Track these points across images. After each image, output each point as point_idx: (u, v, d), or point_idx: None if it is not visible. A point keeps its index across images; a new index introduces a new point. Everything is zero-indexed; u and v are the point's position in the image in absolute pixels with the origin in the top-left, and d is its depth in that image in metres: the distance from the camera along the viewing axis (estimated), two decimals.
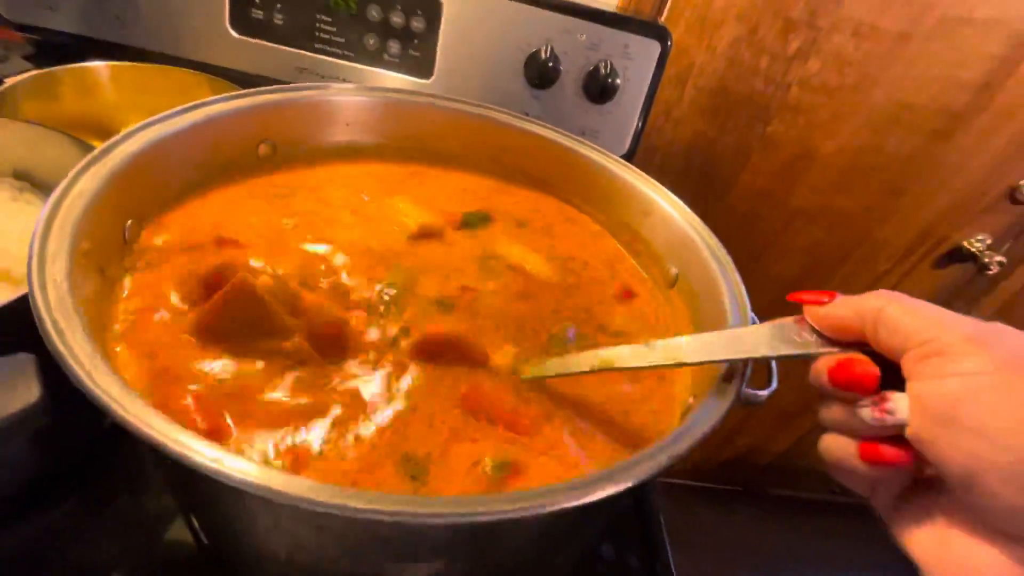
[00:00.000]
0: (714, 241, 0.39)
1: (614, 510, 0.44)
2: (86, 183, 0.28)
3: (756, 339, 0.28)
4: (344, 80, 0.72)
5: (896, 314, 0.24)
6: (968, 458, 0.21)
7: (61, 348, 0.21)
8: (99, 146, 0.43)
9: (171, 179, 0.35)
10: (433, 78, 0.73)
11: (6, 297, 0.32)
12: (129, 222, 0.31)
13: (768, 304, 0.35)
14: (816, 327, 0.27)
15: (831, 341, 0.27)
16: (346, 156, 0.46)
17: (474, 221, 0.45)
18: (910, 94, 0.92)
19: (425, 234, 0.42)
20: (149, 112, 0.68)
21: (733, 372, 0.30)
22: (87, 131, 0.65)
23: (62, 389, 0.26)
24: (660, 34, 0.71)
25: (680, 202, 0.43)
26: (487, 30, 0.71)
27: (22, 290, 0.33)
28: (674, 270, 0.42)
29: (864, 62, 0.89)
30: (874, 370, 0.25)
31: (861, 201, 1.04)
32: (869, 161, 0.99)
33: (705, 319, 0.37)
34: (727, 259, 0.37)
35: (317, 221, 0.40)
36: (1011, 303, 1.16)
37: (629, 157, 0.80)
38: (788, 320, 0.28)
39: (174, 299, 0.30)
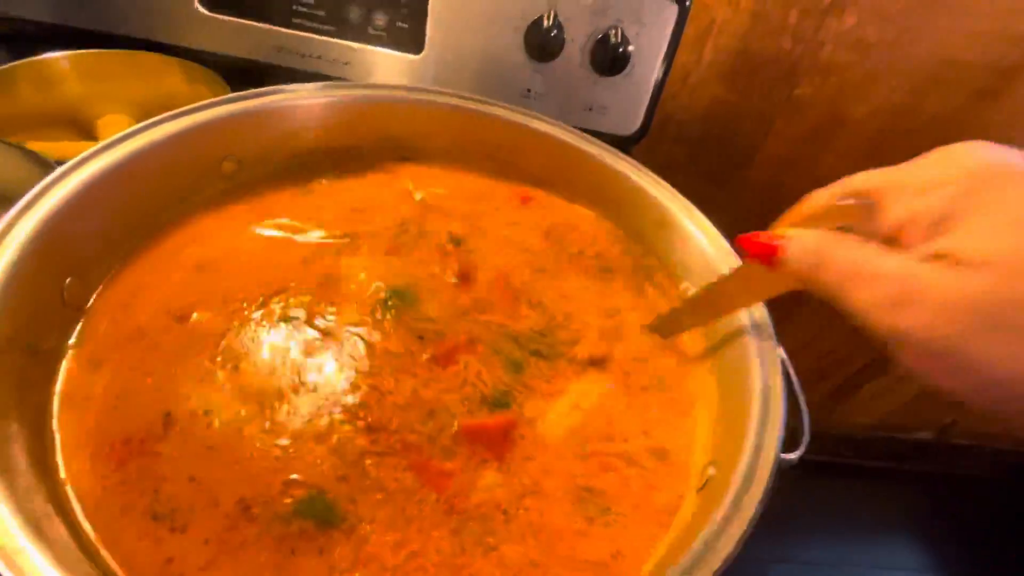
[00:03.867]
0: (737, 264, 0.34)
1: None
2: (4, 249, 0.24)
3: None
4: (326, 59, 0.66)
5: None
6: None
7: None
8: (59, 150, 0.39)
9: (121, 218, 0.31)
10: (424, 53, 0.66)
11: None
12: (68, 280, 0.27)
13: None
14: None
15: None
16: (321, 166, 0.41)
17: None
18: (955, 50, 0.82)
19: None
20: (123, 102, 0.64)
21: (761, 427, 0.26)
22: (56, 127, 0.60)
23: None
24: None
25: (702, 216, 0.37)
26: None
27: None
28: (691, 291, 0.38)
29: (906, 14, 0.79)
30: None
31: None
32: (904, 125, 0.91)
33: (726, 363, 0.32)
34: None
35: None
36: None
37: (642, 133, 0.73)
38: None
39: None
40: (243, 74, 0.67)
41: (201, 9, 0.63)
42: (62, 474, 0.22)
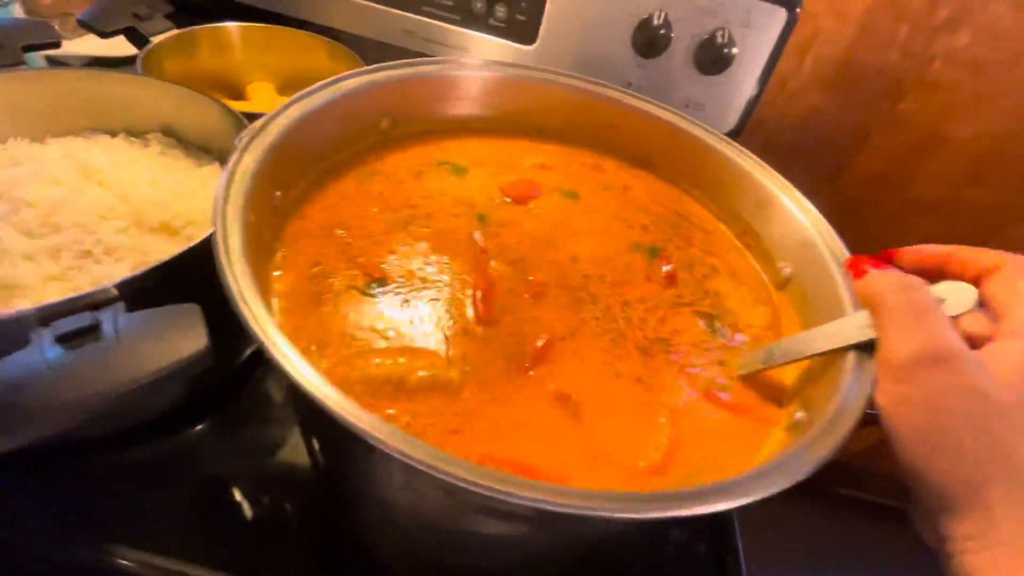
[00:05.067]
0: (839, 246, 0.37)
1: None
2: (250, 157, 0.31)
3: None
4: (447, 45, 0.72)
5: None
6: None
7: (241, 305, 0.24)
8: (237, 108, 0.47)
9: (311, 150, 0.38)
10: (536, 44, 0.72)
11: (171, 249, 0.36)
12: (278, 193, 0.34)
13: None
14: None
15: None
16: (456, 131, 0.47)
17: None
18: None
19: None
20: (269, 72, 0.73)
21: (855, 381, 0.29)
22: (217, 87, 0.70)
23: (216, 334, 0.29)
24: (788, 0, 0.65)
25: (803, 198, 0.40)
26: None
27: (182, 243, 0.37)
28: (787, 270, 0.41)
29: (1023, 36, 0.77)
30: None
31: (994, 194, 0.93)
32: (1011, 149, 0.88)
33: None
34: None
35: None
36: None
37: (735, 134, 0.75)
38: None
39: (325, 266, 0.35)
40: (375, 54, 0.75)
41: None
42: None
